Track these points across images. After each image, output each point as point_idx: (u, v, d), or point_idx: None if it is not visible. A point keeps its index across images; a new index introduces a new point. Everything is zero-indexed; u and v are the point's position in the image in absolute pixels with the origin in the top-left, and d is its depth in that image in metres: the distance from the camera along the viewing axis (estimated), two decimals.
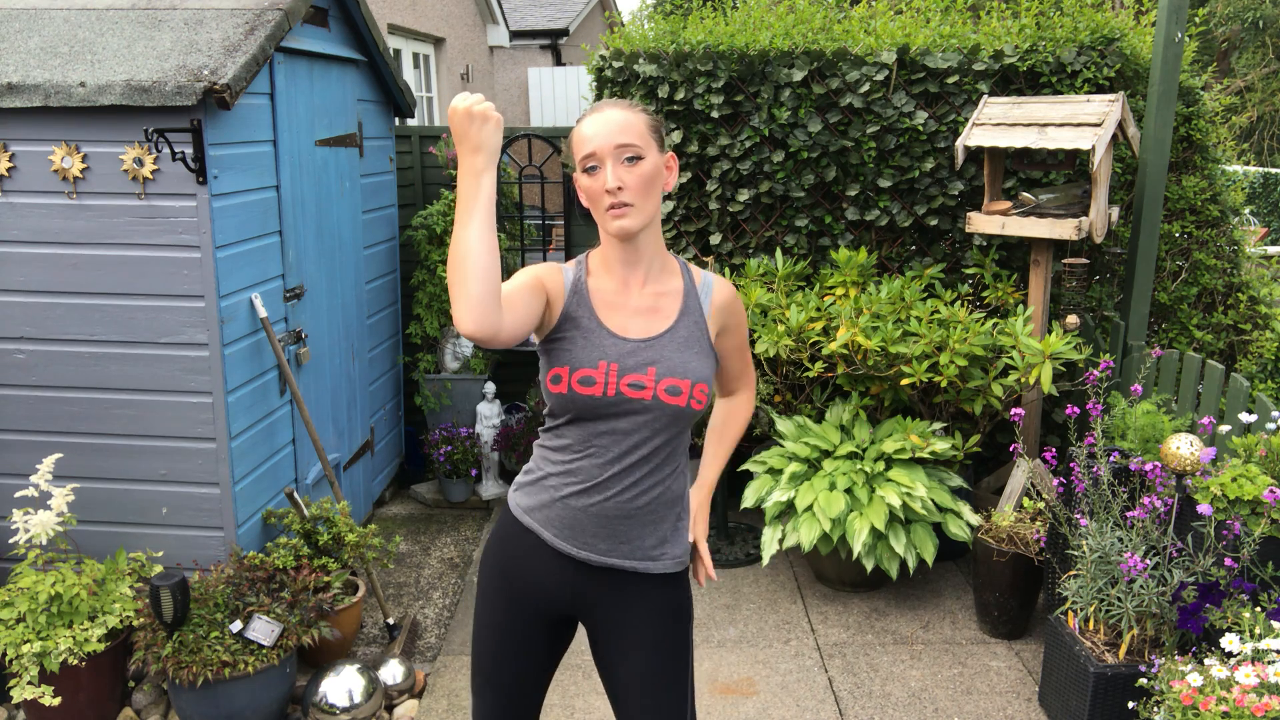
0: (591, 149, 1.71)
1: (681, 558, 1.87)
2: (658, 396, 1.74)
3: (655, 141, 1.76)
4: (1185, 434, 2.86)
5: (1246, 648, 2.35)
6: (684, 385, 1.75)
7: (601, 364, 1.74)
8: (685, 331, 1.80)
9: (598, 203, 1.73)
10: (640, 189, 1.72)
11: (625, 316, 1.79)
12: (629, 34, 4.38)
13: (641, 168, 1.72)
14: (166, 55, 3.01)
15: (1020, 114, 3.66)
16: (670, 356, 1.77)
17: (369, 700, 2.99)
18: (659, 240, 1.83)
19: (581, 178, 1.75)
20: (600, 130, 1.71)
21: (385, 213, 4.61)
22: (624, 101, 1.78)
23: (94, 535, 3.20)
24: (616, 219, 1.72)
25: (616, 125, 1.71)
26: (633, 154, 1.71)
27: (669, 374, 1.75)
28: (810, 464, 3.77)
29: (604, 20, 13.07)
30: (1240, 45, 16.14)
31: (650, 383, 1.74)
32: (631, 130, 1.71)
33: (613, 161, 1.70)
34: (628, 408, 1.74)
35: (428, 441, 4.74)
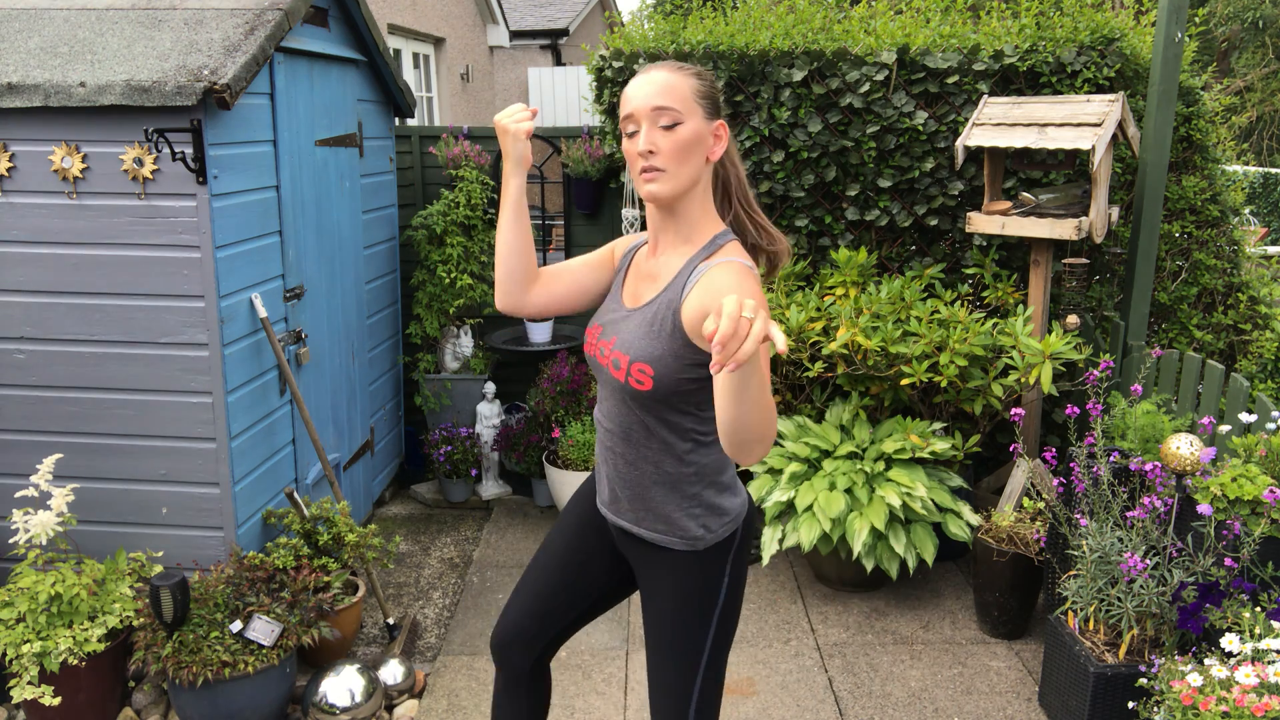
0: (630, 110, 1.69)
1: (693, 541, 1.83)
2: (608, 367, 1.80)
3: (701, 108, 1.69)
4: (1185, 434, 2.86)
5: (1246, 648, 2.35)
6: (623, 360, 1.74)
7: (597, 325, 1.89)
8: (655, 309, 1.75)
9: (634, 165, 1.71)
10: (675, 154, 1.67)
11: (636, 280, 1.86)
12: (629, 34, 4.38)
13: (679, 133, 1.67)
14: (166, 55, 3.01)
15: (1020, 114, 3.66)
16: (628, 330, 1.78)
17: (369, 700, 2.99)
18: (698, 211, 1.75)
19: (625, 140, 1.73)
20: (640, 91, 1.68)
21: (385, 213, 4.61)
22: (676, 64, 1.73)
23: (94, 535, 3.20)
24: (647, 182, 1.70)
25: (657, 87, 1.67)
26: (670, 119, 1.66)
27: (619, 348, 1.77)
28: (810, 464, 3.77)
29: (604, 20, 13.07)
30: (1240, 45, 16.14)
31: (608, 350, 1.81)
32: (672, 94, 1.66)
33: (648, 124, 1.67)
34: (600, 370, 1.85)
35: (428, 441, 4.74)
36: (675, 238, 1.77)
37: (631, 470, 1.83)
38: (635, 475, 1.83)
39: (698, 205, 1.75)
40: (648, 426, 1.78)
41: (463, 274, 4.66)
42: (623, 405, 1.80)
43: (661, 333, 1.71)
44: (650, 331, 1.72)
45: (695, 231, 1.76)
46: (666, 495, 1.82)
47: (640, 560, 1.91)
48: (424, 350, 4.88)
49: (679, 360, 1.70)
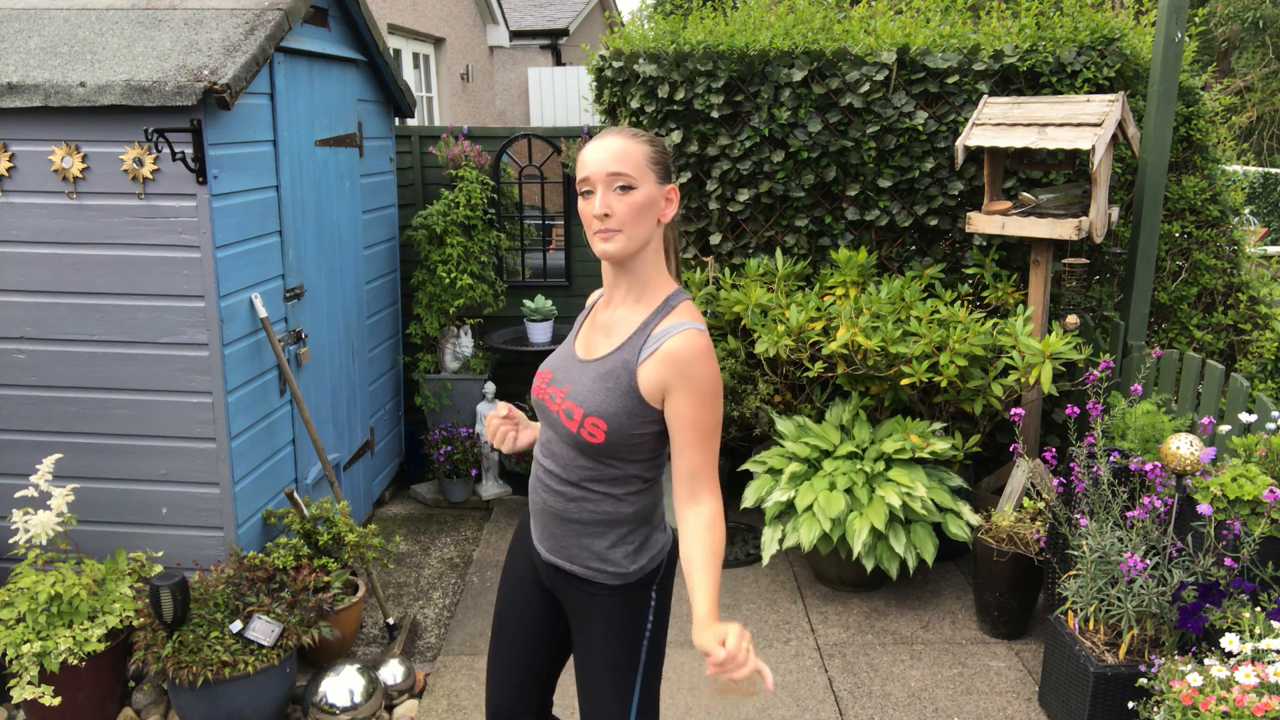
0: (587, 173, 1.78)
1: (622, 575, 1.88)
2: (559, 417, 1.85)
3: (654, 173, 1.78)
4: (1185, 434, 2.86)
5: (1246, 648, 2.35)
6: (577, 413, 1.80)
7: (546, 370, 1.93)
8: (610, 365, 1.80)
9: (589, 224, 1.79)
10: (629, 216, 1.75)
11: (591, 332, 1.92)
12: (629, 34, 4.38)
13: (632, 197, 1.75)
14: (166, 55, 3.01)
15: (1020, 114, 3.66)
16: (582, 383, 1.83)
17: (369, 700, 2.99)
18: (649, 269, 1.83)
19: (580, 201, 1.81)
20: (597, 156, 1.76)
21: (385, 213, 4.61)
22: (631, 130, 1.81)
23: (94, 535, 3.20)
24: (602, 241, 1.78)
25: (613, 153, 1.75)
26: (625, 183, 1.75)
27: (571, 398, 1.83)
28: (810, 464, 3.77)
29: (604, 20, 13.07)
30: (1240, 45, 16.14)
31: (560, 400, 1.85)
32: (627, 160, 1.75)
33: (604, 188, 1.76)
34: (547, 415, 1.90)
35: (428, 441, 4.74)
36: (628, 295, 1.85)
37: (570, 509, 1.88)
38: (573, 514, 1.88)
39: (649, 264, 1.83)
40: (594, 474, 1.84)
41: (463, 274, 4.66)
42: (570, 451, 1.85)
43: (616, 390, 1.77)
44: (605, 388, 1.78)
45: (648, 290, 1.84)
46: (603, 534, 1.87)
47: (569, 594, 1.94)
48: (424, 350, 4.88)
49: (632, 418, 1.77)
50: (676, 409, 1.74)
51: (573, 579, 1.92)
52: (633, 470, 1.83)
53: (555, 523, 1.91)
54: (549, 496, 1.91)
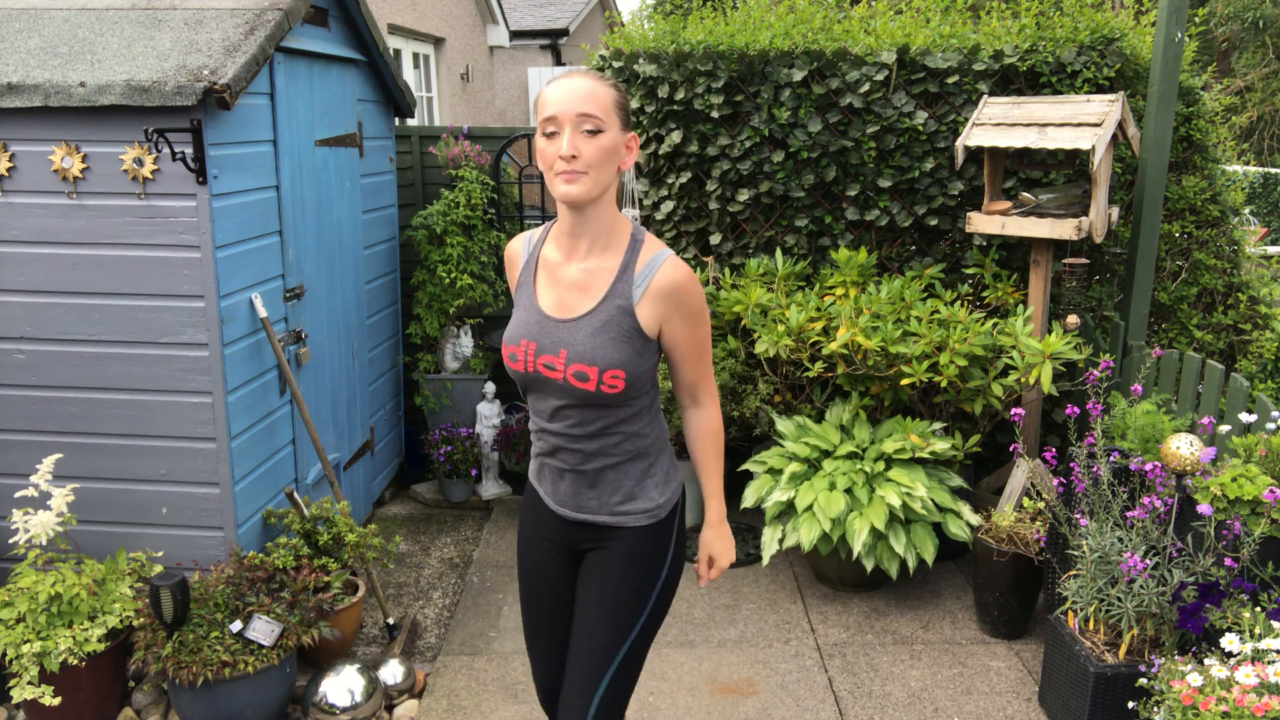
0: (553, 113, 1.73)
1: (654, 511, 1.94)
2: (567, 380, 1.81)
3: (619, 118, 1.77)
4: (1185, 434, 2.86)
5: (1246, 648, 2.35)
6: (591, 372, 1.80)
7: (523, 341, 1.86)
8: (605, 315, 1.81)
9: (551, 166, 1.76)
10: (596, 160, 1.74)
11: (559, 290, 1.86)
12: (629, 34, 4.38)
13: (600, 140, 1.73)
14: (166, 55, 3.01)
15: (1020, 114, 3.66)
16: (581, 341, 1.81)
17: (369, 700, 2.99)
18: (610, 214, 1.83)
19: (539, 140, 1.77)
20: (564, 96, 1.72)
21: (385, 213, 4.61)
22: (594, 73, 1.78)
23: (94, 535, 3.20)
24: (566, 183, 1.74)
25: (581, 94, 1.72)
26: (593, 125, 1.73)
27: (577, 359, 1.80)
28: (810, 464, 3.77)
29: (604, 20, 13.07)
30: (1240, 45, 16.14)
31: (560, 365, 1.82)
32: (595, 102, 1.73)
33: (571, 129, 1.73)
34: (546, 385, 1.85)
35: (428, 441, 4.74)
36: (594, 244, 1.84)
37: (595, 461, 1.89)
38: (600, 464, 1.90)
39: (609, 210, 1.83)
40: (611, 419, 1.86)
41: (463, 274, 4.66)
42: (585, 409, 1.85)
43: (621, 337, 1.80)
44: (609, 339, 1.79)
45: (614, 237, 1.84)
46: (631, 469, 1.92)
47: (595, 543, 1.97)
48: (424, 350, 4.88)
49: (641, 357, 1.82)
50: (675, 333, 1.84)
51: (604, 531, 1.94)
52: (643, 400, 1.89)
53: (582, 482, 1.91)
54: (569, 460, 1.90)
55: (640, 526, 1.94)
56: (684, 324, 1.84)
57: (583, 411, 1.85)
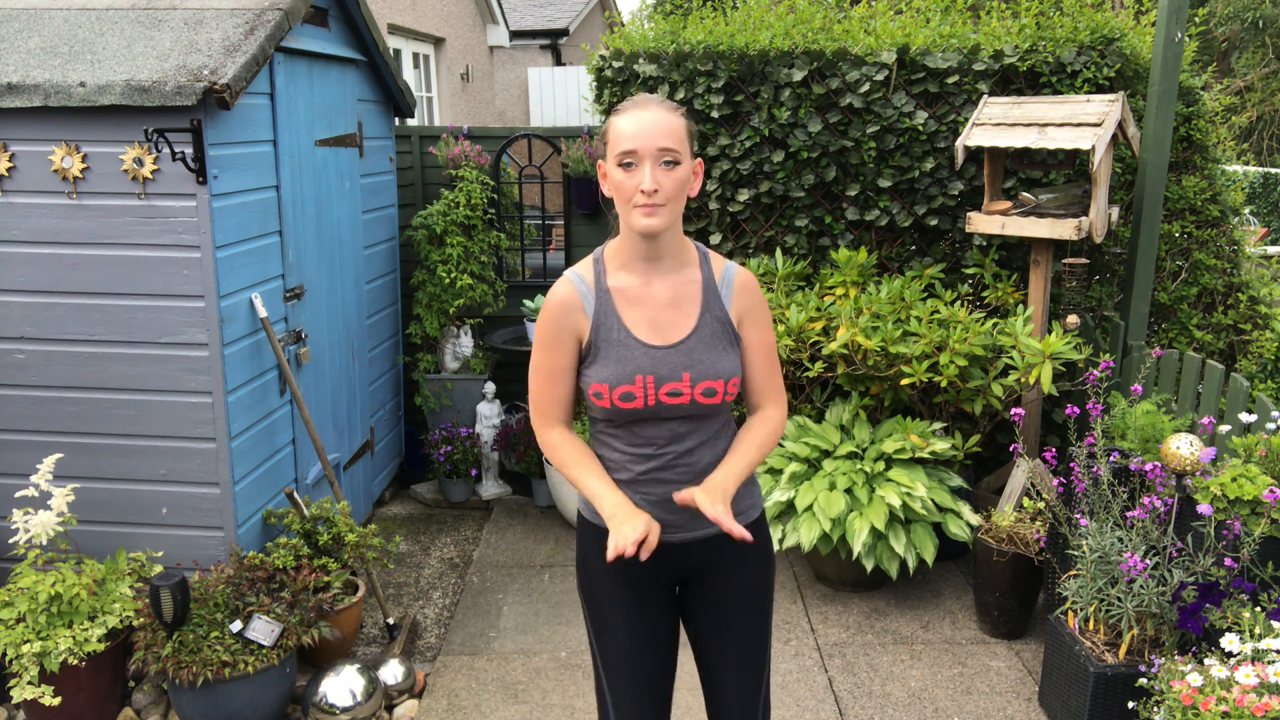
0: (633, 146, 1.73)
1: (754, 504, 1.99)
2: (695, 399, 1.83)
3: (690, 147, 1.80)
4: (1185, 434, 2.86)
5: (1246, 648, 2.35)
6: (718, 385, 1.83)
7: (638, 378, 1.81)
8: (709, 329, 1.85)
9: (628, 199, 1.76)
10: (675, 192, 1.77)
11: (650, 313, 1.85)
12: (629, 34, 4.38)
13: (678, 172, 1.76)
14: (166, 55, 3.01)
15: (1020, 114, 3.66)
16: (701, 359, 1.83)
17: (369, 700, 2.99)
18: (680, 233, 1.88)
19: (614, 170, 1.77)
20: (645, 130, 1.73)
21: (385, 213, 4.61)
22: (667, 102, 1.79)
23: (94, 535, 3.20)
24: (646, 216, 1.76)
25: (662, 128, 1.74)
26: (672, 158, 1.75)
27: (703, 377, 1.82)
28: (810, 464, 3.77)
29: (604, 20, 13.07)
30: (1240, 45, 16.14)
31: (686, 388, 1.82)
32: (674, 135, 1.75)
33: (652, 163, 1.74)
34: (667, 412, 1.83)
35: (428, 441, 4.74)
36: (673, 263, 1.87)
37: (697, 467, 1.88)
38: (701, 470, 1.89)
39: (679, 230, 1.87)
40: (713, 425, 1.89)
41: (463, 274, 4.66)
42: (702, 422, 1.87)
43: (729, 345, 1.87)
44: (722, 350, 1.85)
45: (685, 252, 1.89)
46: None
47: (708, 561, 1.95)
48: (424, 350, 4.88)
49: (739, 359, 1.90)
50: (751, 335, 1.90)
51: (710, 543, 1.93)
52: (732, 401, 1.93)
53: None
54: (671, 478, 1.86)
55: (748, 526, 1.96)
56: (758, 325, 1.91)
57: (693, 426, 1.86)
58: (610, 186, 1.79)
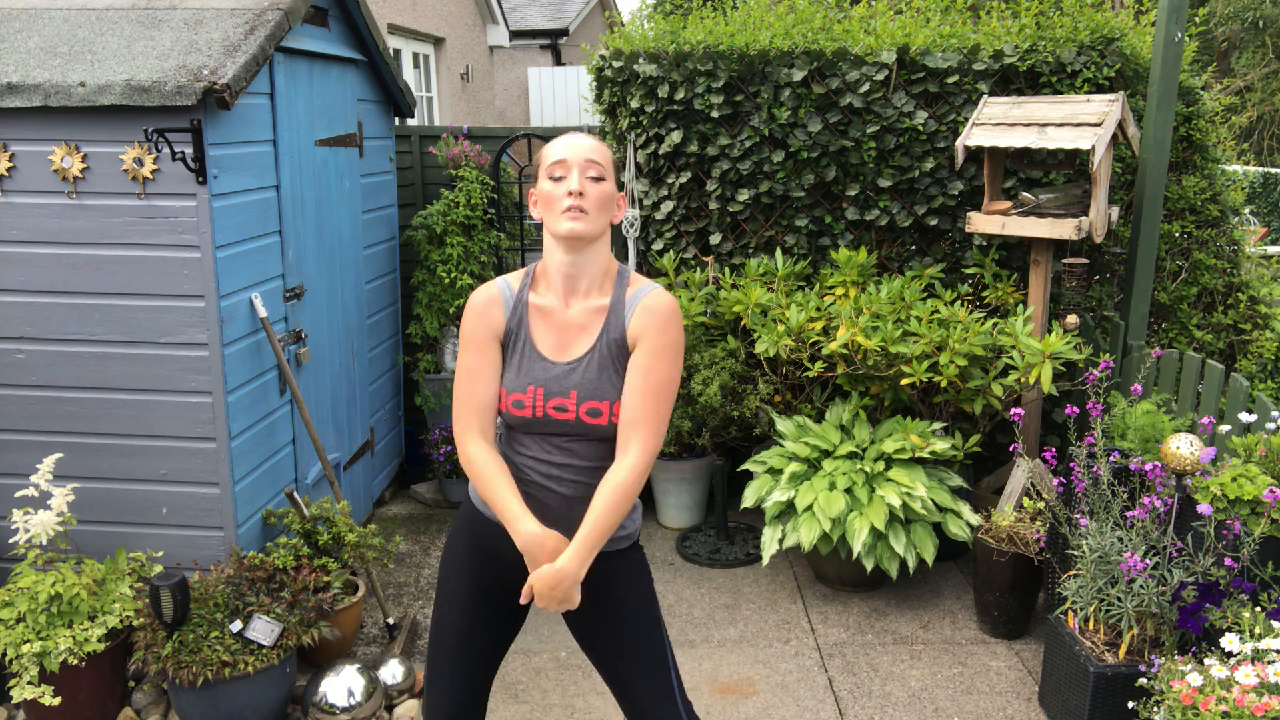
0: (563, 157, 1.88)
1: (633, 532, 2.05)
2: (580, 418, 1.89)
3: (614, 176, 1.93)
4: (1185, 434, 2.86)
5: (1246, 647, 2.35)
6: (603, 407, 1.89)
7: (530, 388, 1.90)
8: (604, 350, 1.90)
9: (554, 205, 1.87)
10: (598, 204, 1.87)
11: (558, 334, 1.93)
12: (629, 34, 4.38)
13: (602, 187, 1.89)
14: (166, 55, 3.01)
15: (1020, 114, 3.66)
16: (589, 380, 1.89)
17: (369, 700, 2.99)
18: (605, 257, 1.95)
19: (544, 183, 1.90)
20: (573, 145, 1.89)
21: (385, 213, 4.61)
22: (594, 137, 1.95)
23: (94, 535, 3.20)
24: (571, 220, 1.85)
25: (590, 149, 1.89)
26: (598, 173, 1.88)
27: (589, 397, 1.88)
28: (810, 464, 3.77)
29: (604, 20, 13.06)
30: (1240, 45, 16.14)
31: (572, 405, 1.89)
32: (601, 154, 1.90)
33: (579, 172, 1.87)
34: (552, 426, 1.90)
35: (428, 441, 4.74)
36: (590, 286, 1.93)
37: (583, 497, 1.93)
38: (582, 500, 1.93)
39: (605, 252, 1.95)
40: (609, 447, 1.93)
41: (463, 274, 4.66)
42: (593, 443, 1.92)
43: (618, 368, 1.90)
44: (611, 373, 1.89)
45: (606, 277, 1.95)
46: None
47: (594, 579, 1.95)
48: (424, 350, 4.88)
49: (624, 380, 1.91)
50: (637, 358, 1.86)
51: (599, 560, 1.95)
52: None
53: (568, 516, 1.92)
54: (566, 493, 1.93)
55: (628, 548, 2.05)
56: (649, 350, 1.85)
57: (588, 446, 1.92)
58: (540, 201, 1.90)
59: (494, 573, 2.03)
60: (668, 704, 2.00)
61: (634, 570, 2.05)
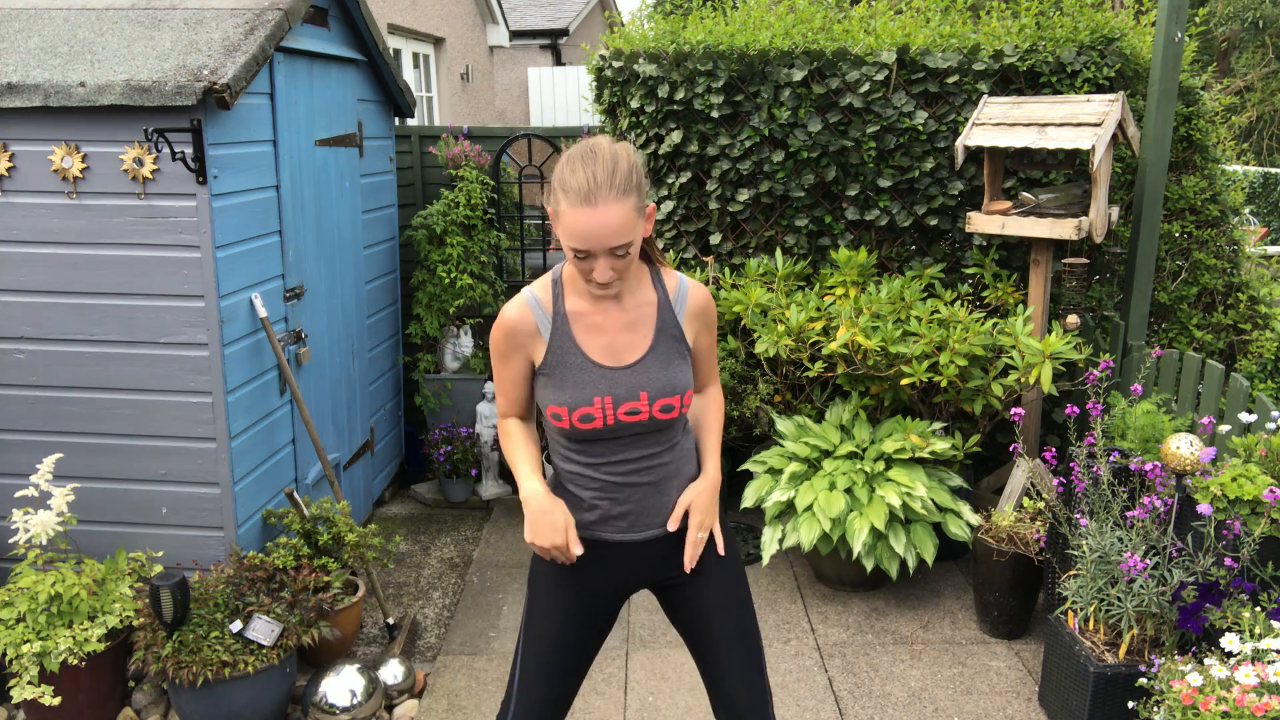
0: (585, 248, 1.74)
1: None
2: (653, 416, 1.89)
3: (641, 217, 1.77)
4: (1185, 434, 2.86)
5: (1246, 647, 2.35)
6: (674, 401, 1.91)
7: (596, 400, 1.86)
8: (664, 347, 1.92)
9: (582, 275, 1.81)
10: (625, 269, 1.80)
11: (608, 338, 1.90)
12: (629, 34, 4.38)
13: (630, 253, 1.79)
14: (166, 55, 3.01)
15: (1020, 114, 3.66)
16: (657, 377, 1.89)
17: (369, 700, 2.99)
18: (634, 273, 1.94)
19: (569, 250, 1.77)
20: (595, 233, 1.72)
21: (385, 213, 4.61)
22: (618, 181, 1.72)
23: (94, 535, 3.20)
24: (600, 291, 1.83)
25: (613, 230, 1.72)
26: (623, 250, 1.76)
27: (660, 394, 1.89)
28: (810, 464, 3.77)
29: (604, 20, 13.06)
30: (1240, 45, 16.14)
31: (644, 406, 1.88)
32: (625, 230, 1.73)
33: (605, 257, 1.76)
34: (626, 430, 1.89)
35: (428, 441, 4.74)
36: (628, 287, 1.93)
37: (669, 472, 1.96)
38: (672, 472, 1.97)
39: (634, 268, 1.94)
40: (675, 429, 1.97)
41: (463, 274, 4.66)
42: (662, 434, 1.94)
43: (682, 360, 1.94)
44: (676, 366, 1.92)
45: (639, 274, 1.95)
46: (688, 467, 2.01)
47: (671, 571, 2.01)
48: (424, 350, 4.88)
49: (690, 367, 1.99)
50: (702, 342, 2.02)
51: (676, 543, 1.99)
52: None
53: (654, 497, 1.95)
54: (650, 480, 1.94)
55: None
56: (708, 333, 2.03)
57: (656, 435, 1.93)
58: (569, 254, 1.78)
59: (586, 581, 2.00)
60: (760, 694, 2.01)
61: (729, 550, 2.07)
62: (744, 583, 2.07)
